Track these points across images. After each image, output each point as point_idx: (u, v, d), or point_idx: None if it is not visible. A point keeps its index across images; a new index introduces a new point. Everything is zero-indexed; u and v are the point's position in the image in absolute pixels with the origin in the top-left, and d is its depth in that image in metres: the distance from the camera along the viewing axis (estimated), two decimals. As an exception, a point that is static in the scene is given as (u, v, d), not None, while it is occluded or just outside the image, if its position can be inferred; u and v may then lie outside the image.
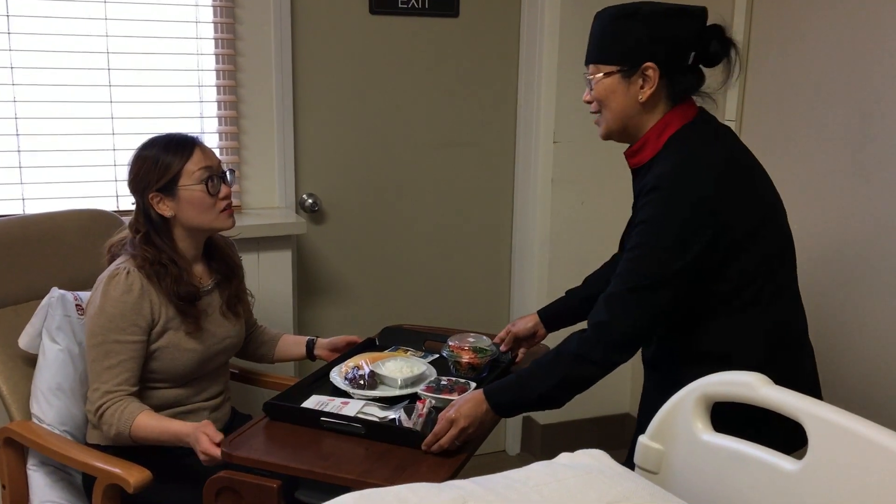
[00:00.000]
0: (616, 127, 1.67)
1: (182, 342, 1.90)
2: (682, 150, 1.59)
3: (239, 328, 2.06)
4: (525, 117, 3.03)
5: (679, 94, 1.63)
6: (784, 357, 1.60)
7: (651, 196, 1.55)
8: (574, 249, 3.09)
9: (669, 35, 1.59)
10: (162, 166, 1.86)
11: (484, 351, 1.95)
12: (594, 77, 1.64)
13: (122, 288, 1.83)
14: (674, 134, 1.62)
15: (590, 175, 3.05)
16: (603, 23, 1.66)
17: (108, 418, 1.82)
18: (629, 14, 1.61)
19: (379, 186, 2.92)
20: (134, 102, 2.52)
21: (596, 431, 3.21)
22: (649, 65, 1.58)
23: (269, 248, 2.61)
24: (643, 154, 1.66)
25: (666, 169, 1.57)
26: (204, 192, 1.87)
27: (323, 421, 1.68)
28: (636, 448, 1.34)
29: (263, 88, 2.66)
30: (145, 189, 1.87)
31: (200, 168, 1.88)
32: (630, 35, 1.60)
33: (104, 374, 1.82)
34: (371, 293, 2.98)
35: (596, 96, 1.66)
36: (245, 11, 2.59)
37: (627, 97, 1.62)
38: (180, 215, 1.89)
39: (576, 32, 2.91)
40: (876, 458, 1.04)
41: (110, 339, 1.82)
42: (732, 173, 1.58)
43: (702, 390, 1.25)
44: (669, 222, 1.53)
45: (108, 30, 2.44)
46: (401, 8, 2.80)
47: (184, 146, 1.89)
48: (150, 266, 1.86)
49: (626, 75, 1.61)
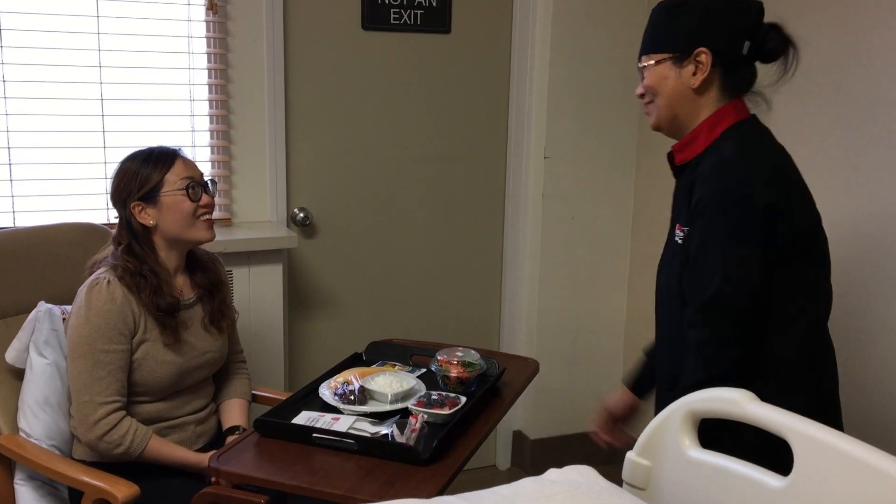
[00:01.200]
0: (667, 115, 1.64)
1: (160, 354, 1.89)
2: (740, 143, 1.56)
3: (221, 343, 2.05)
4: (516, 133, 3.05)
5: (732, 85, 1.61)
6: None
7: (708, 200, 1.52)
8: (565, 264, 3.10)
9: (723, 22, 1.58)
10: (144, 176, 1.88)
11: (472, 365, 1.95)
12: (646, 65, 1.64)
13: (104, 297, 1.83)
14: (730, 127, 1.59)
15: (580, 190, 3.06)
16: (656, 15, 1.65)
17: (119, 437, 1.82)
18: (679, 4, 1.61)
19: (370, 201, 2.93)
20: (125, 116, 2.52)
21: (586, 446, 3.20)
22: (702, 49, 1.57)
23: (261, 262, 2.61)
24: (693, 147, 1.63)
25: (724, 164, 1.53)
26: (185, 197, 1.89)
27: (315, 437, 1.68)
28: (624, 464, 1.34)
29: (255, 102, 2.67)
30: (127, 199, 1.88)
31: (182, 177, 1.89)
32: (682, 22, 1.59)
33: (95, 385, 1.82)
34: (362, 307, 2.99)
35: (647, 84, 1.64)
36: (237, 26, 2.61)
37: (679, 83, 1.60)
38: (161, 224, 1.90)
39: (566, 48, 2.93)
40: (861, 475, 1.04)
41: (97, 348, 1.82)
42: (792, 178, 1.58)
43: (688, 407, 1.26)
44: (734, 226, 1.50)
45: (100, 44, 2.45)
46: (393, 24, 2.82)
47: (165, 157, 1.91)
48: (130, 277, 1.86)
49: (677, 61, 1.60)
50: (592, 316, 3.19)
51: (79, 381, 1.84)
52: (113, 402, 1.83)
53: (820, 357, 1.64)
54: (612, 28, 2.98)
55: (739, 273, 1.50)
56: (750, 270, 1.50)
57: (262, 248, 2.59)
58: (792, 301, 1.56)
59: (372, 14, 2.79)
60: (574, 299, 3.15)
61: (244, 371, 2.19)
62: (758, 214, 1.49)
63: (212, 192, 1.96)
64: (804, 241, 1.56)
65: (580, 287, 3.16)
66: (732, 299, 1.51)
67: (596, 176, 3.08)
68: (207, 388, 2.08)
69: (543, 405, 3.18)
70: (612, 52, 2.99)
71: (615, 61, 3.00)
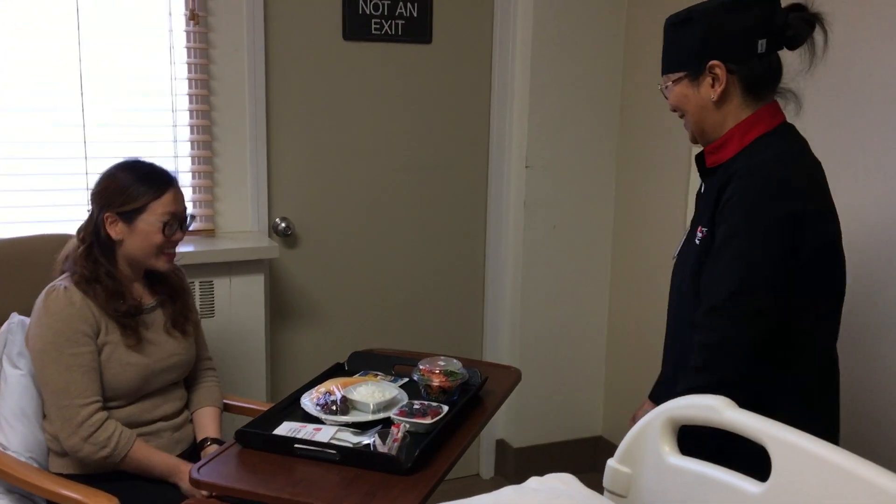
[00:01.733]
0: (697, 129, 1.65)
1: (123, 356, 1.89)
2: (776, 150, 1.55)
3: (188, 346, 2.04)
4: (497, 142, 3.06)
5: (756, 87, 1.58)
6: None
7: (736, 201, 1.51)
8: (547, 273, 3.12)
9: (729, 29, 1.56)
10: (131, 194, 1.87)
11: (454, 374, 1.96)
12: (666, 87, 1.65)
13: (62, 302, 1.83)
14: (763, 135, 1.58)
15: (562, 199, 3.08)
16: (666, 32, 1.66)
17: (104, 439, 1.80)
18: (685, 19, 1.60)
19: (352, 211, 2.93)
20: (107, 126, 2.51)
21: (569, 455, 3.22)
22: (714, 63, 1.56)
23: (242, 273, 2.61)
24: (725, 151, 1.61)
25: (759, 168, 1.52)
26: (159, 233, 1.89)
27: (297, 448, 1.67)
28: (605, 472, 1.35)
29: (237, 113, 2.67)
30: (105, 206, 1.88)
31: (166, 212, 1.89)
32: (688, 39, 1.59)
33: (72, 388, 1.80)
34: (345, 317, 2.98)
35: (672, 104, 1.66)
36: (218, 37, 2.61)
37: (700, 98, 1.60)
38: (127, 242, 1.90)
39: (547, 58, 2.95)
40: (838, 481, 1.05)
41: (66, 352, 1.81)
42: (823, 191, 1.57)
43: (668, 414, 1.27)
44: (760, 230, 1.49)
45: (80, 53, 2.44)
46: (374, 34, 2.83)
47: (161, 182, 1.90)
48: (87, 283, 1.86)
49: (693, 78, 1.60)
50: (574, 324, 3.20)
51: (54, 387, 1.82)
52: (94, 402, 1.82)
53: (833, 378, 1.65)
54: (592, 38, 3.00)
55: (755, 280, 1.49)
56: (766, 278, 1.49)
57: (244, 259, 2.58)
58: (810, 319, 1.56)
59: (353, 24, 2.80)
60: (556, 308, 3.16)
61: (213, 377, 2.18)
62: (784, 222, 1.48)
63: (187, 226, 1.97)
64: (825, 256, 1.55)
65: (562, 295, 3.17)
66: (744, 306, 1.49)
67: (577, 185, 3.10)
68: (178, 392, 2.07)
69: (526, 413, 3.18)
70: (592, 61, 3.02)
71: (596, 71, 3.03)
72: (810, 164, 1.59)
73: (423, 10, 2.88)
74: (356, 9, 2.79)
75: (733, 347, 1.50)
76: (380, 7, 2.82)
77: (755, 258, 1.49)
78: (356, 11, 2.79)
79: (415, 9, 2.87)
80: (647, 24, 2.95)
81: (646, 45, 2.96)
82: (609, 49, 3.04)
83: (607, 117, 3.09)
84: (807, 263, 1.51)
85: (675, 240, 2.81)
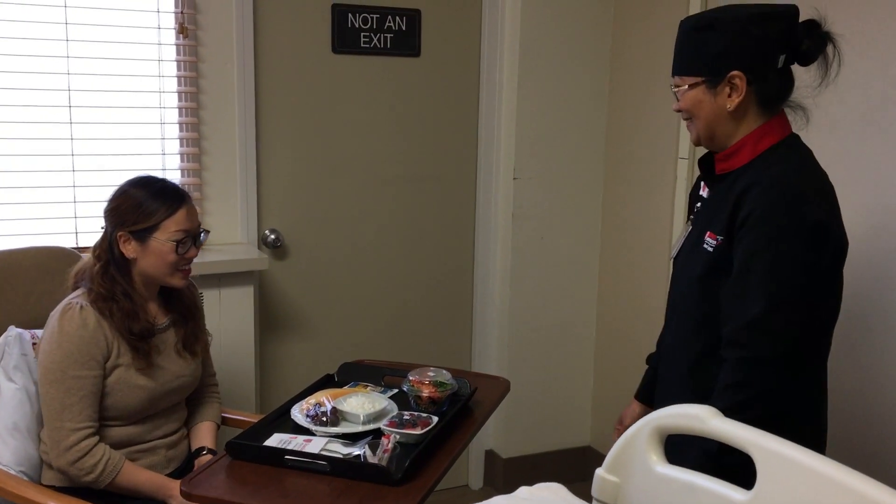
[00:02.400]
0: (705, 135, 1.64)
1: (132, 379, 1.88)
2: (790, 163, 1.57)
3: (195, 367, 2.04)
4: (485, 154, 3.08)
5: (770, 100, 1.59)
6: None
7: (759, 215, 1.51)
8: (535, 284, 3.14)
9: (754, 41, 1.55)
10: (145, 212, 1.86)
11: (444, 385, 1.97)
12: (679, 89, 1.63)
13: (76, 322, 1.82)
14: (776, 144, 1.59)
15: (549, 210, 3.10)
16: (685, 34, 1.62)
17: (91, 465, 1.81)
18: (709, 24, 1.57)
19: (342, 222, 2.94)
20: (95, 140, 2.52)
21: (558, 464, 3.23)
22: (735, 73, 1.55)
23: (231, 284, 2.61)
24: (737, 159, 1.61)
25: (777, 181, 1.52)
26: (172, 252, 1.88)
27: (287, 459, 1.68)
28: (593, 481, 1.36)
29: (226, 125, 2.68)
30: (119, 224, 1.87)
31: (180, 229, 1.88)
32: (712, 45, 1.56)
33: (66, 412, 1.81)
34: (334, 328, 2.99)
35: (683, 107, 1.64)
36: (207, 50, 2.62)
37: (715, 107, 1.59)
38: (140, 261, 1.89)
39: (534, 71, 2.98)
40: (823, 489, 1.07)
41: (69, 374, 1.80)
42: (835, 201, 1.59)
43: (655, 423, 1.28)
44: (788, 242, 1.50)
45: (69, 68, 2.45)
46: (363, 47, 2.85)
47: (173, 200, 1.89)
48: (104, 302, 1.85)
49: (711, 85, 1.58)
50: (563, 334, 3.22)
51: (51, 406, 1.83)
52: (85, 427, 1.82)
53: (824, 393, 1.67)
54: (579, 50, 3.03)
55: (788, 293, 1.49)
56: (799, 290, 1.50)
57: (233, 270, 2.58)
58: (822, 328, 1.58)
59: (342, 37, 2.82)
60: (544, 318, 3.18)
61: (216, 395, 2.19)
62: (811, 232, 1.49)
63: (200, 243, 1.96)
64: (839, 265, 1.58)
65: (550, 306, 3.19)
66: (780, 320, 1.50)
67: (565, 196, 3.12)
68: (180, 412, 2.07)
69: (515, 424, 3.20)
70: (579, 73, 3.05)
71: (583, 82, 3.06)
72: (822, 174, 1.61)
73: (411, 23, 2.90)
74: (345, 22, 2.81)
75: (771, 361, 1.51)
76: (369, 20, 2.84)
77: (786, 271, 1.50)
78: (345, 25, 2.81)
79: (403, 22, 2.89)
80: (633, 37, 2.98)
81: (632, 58, 2.99)
82: (596, 61, 3.07)
83: (594, 129, 3.11)
84: (826, 272, 1.54)
85: (663, 250, 2.87)
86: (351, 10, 2.81)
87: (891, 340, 2.15)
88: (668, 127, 2.83)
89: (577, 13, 3.01)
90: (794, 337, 1.52)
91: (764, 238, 1.51)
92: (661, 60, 2.84)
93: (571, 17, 3.00)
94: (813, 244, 1.51)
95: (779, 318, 1.50)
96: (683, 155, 2.77)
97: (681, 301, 1.74)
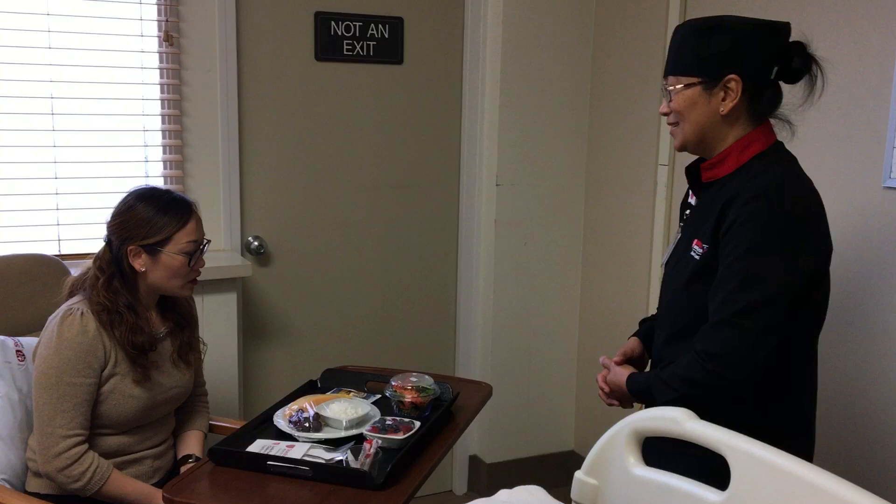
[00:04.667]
0: (693, 139, 1.65)
1: (127, 389, 1.88)
2: (776, 171, 1.58)
3: (188, 377, 2.04)
4: (468, 160, 3.10)
5: (760, 110, 1.62)
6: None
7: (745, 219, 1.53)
8: (518, 289, 3.16)
9: (754, 48, 1.57)
10: (155, 226, 1.85)
11: (426, 390, 1.98)
12: (674, 88, 1.63)
13: (76, 328, 1.81)
14: (761, 153, 1.61)
15: (532, 216, 3.12)
16: (684, 35, 1.63)
17: (79, 472, 1.80)
18: (712, 26, 1.59)
19: (325, 229, 2.95)
20: (77, 147, 2.52)
21: (541, 469, 3.25)
22: (732, 77, 1.57)
23: (215, 291, 2.61)
24: (722, 167, 1.64)
25: (763, 189, 1.54)
26: (184, 264, 1.88)
27: (270, 465, 1.68)
28: (573, 483, 1.38)
29: (209, 133, 2.69)
30: (127, 239, 1.86)
31: (189, 241, 1.89)
32: (713, 46, 1.57)
33: (57, 418, 1.80)
34: (318, 335, 3.00)
35: (675, 108, 1.64)
36: (190, 57, 2.63)
37: (708, 109, 1.60)
38: (150, 273, 1.89)
39: (517, 78, 3.01)
40: (795, 490, 1.09)
41: (64, 381, 1.79)
42: (821, 206, 1.61)
43: (633, 426, 1.30)
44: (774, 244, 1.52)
45: (51, 75, 2.45)
46: (346, 55, 2.87)
47: (182, 212, 1.89)
48: (107, 314, 1.84)
49: (707, 87, 1.59)
50: (546, 339, 3.24)
51: (43, 411, 1.81)
52: (75, 435, 1.81)
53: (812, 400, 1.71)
54: (560, 58, 3.06)
55: (768, 297, 1.51)
56: (780, 296, 1.52)
57: (217, 277, 2.59)
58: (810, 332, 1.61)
59: (325, 45, 2.83)
60: (528, 323, 3.20)
61: (205, 405, 2.19)
62: (792, 240, 1.52)
63: (204, 251, 1.97)
64: (824, 271, 1.60)
65: (534, 311, 3.21)
66: (751, 320, 1.51)
67: (547, 202, 3.14)
68: (169, 423, 2.07)
69: (499, 429, 3.21)
70: (561, 80, 3.07)
71: (564, 89, 3.09)
72: (806, 181, 1.64)
73: (394, 31, 2.92)
74: (328, 30, 2.82)
75: (734, 358, 1.53)
76: (352, 28, 2.86)
77: (769, 279, 1.52)
78: (328, 32, 2.83)
79: (386, 30, 2.91)
80: (614, 44, 3.01)
81: (613, 65, 3.02)
82: (577, 69, 3.10)
83: (576, 135, 3.14)
84: (809, 278, 1.56)
85: (645, 255, 2.90)
86: (334, 18, 2.83)
87: (870, 346, 2.18)
88: (648, 134, 2.86)
89: (559, 21, 3.04)
90: (769, 343, 1.53)
91: (746, 245, 1.53)
92: (641, 68, 2.88)
93: (553, 25, 3.03)
94: (796, 252, 1.54)
95: (759, 324, 1.52)
96: (664, 161, 2.81)
97: (669, 307, 1.77)
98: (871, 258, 2.16)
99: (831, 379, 2.21)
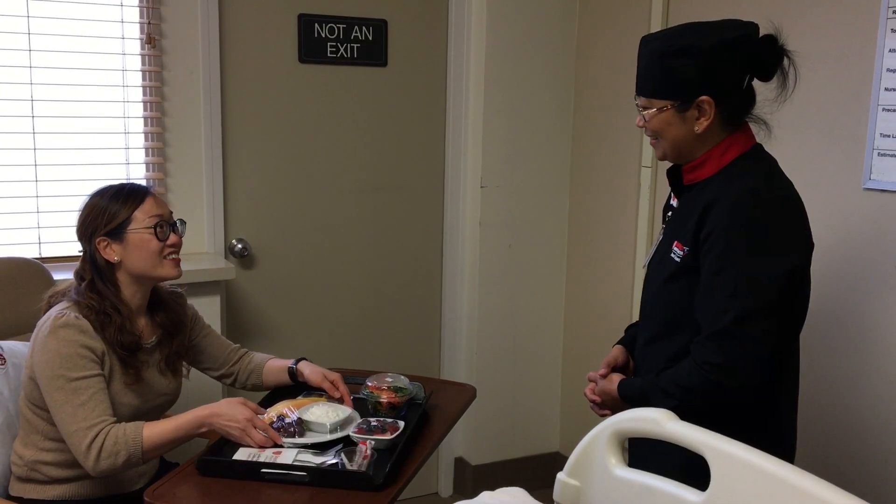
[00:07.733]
0: (672, 154, 1.68)
1: (119, 395, 1.86)
2: (756, 173, 1.60)
3: (176, 386, 2.02)
4: (453, 163, 3.11)
5: (734, 117, 1.63)
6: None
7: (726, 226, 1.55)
8: (503, 291, 3.16)
9: (723, 68, 1.58)
10: (112, 212, 1.85)
11: (403, 390, 1.98)
12: (647, 112, 1.65)
13: (72, 328, 1.79)
14: (741, 155, 1.62)
15: (517, 218, 3.13)
16: (651, 57, 1.63)
17: (112, 447, 1.74)
18: (679, 52, 1.58)
19: (309, 232, 2.95)
20: (59, 150, 2.50)
21: (527, 471, 3.25)
22: (705, 99, 1.58)
23: (198, 294, 2.59)
24: (703, 170, 1.65)
25: (744, 193, 1.56)
26: (152, 237, 1.87)
27: (264, 473, 1.67)
28: (555, 485, 1.38)
29: (192, 135, 2.68)
30: (93, 234, 1.86)
31: (151, 216, 1.88)
32: (681, 72, 1.59)
33: (79, 413, 1.75)
34: (302, 338, 2.99)
35: (651, 128, 1.66)
36: (172, 59, 2.61)
37: (684, 128, 1.62)
38: (126, 260, 1.87)
39: (500, 80, 3.01)
40: (774, 490, 1.10)
41: (72, 377, 1.76)
42: (802, 209, 1.62)
43: (614, 427, 1.31)
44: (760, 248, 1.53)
45: (31, 78, 2.44)
46: (330, 57, 2.86)
47: (136, 194, 1.89)
48: (95, 315, 1.83)
49: (680, 109, 1.61)
50: (531, 342, 3.25)
51: (63, 413, 1.77)
52: (101, 422, 1.76)
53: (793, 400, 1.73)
54: (544, 61, 3.07)
55: (759, 303, 1.52)
56: (770, 300, 1.52)
57: (200, 280, 2.57)
58: (793, 335, 1.63)
59: (309, 47, 2.83)
60: (513, 326, 3.20)
61: (249, 352, 2.22)
62: (772, 243, 1.53)
63: (180, 232, 1.95)
64: (807, 272, 1.62)
65: (518, 313, 3.21)
66: (749, 327, 1.52)
67: (531, 204, 3.15)
68: None
69: (485, 431, 3.21)
70: (545, 83, 3.08)
71: (548, 92, 3.09)
72: (786, 182, 1.65)
73: (378, 33, 2.92)
74: (312, 32, 2.82)
75: (737, 367, 1.53)
76: (335, 30, 2.86)
77: (752, 283, 1.53)
78: (312, 34, 2.82)
79: (370, 32, 2.91)
80: (597, 47, 3.03)
81: (597, 68, 3.03)
82: (561, 71, 3.11)
83: (560, 137, 3.15)
84: (790, 279, 1.56)
85: (628, 257, 2.91)
86: (317, 20, 2.82)
87: (850, 347, 2.20)
88: (631, 136, 2.87)
89: (543, 24, 3.04)
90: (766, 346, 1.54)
91: (732, 251, 1.54)
92: (624, 72, 2.89)
93: (537, 26, 3.04)
94: (782, 253, 1.55)
95: (749, 328, 1.53)
96: (647, 163, 2.82)
97: (650, 307, 1.78)
98: (851, 260, 2.17)
99: (811, 380, 2.23)
